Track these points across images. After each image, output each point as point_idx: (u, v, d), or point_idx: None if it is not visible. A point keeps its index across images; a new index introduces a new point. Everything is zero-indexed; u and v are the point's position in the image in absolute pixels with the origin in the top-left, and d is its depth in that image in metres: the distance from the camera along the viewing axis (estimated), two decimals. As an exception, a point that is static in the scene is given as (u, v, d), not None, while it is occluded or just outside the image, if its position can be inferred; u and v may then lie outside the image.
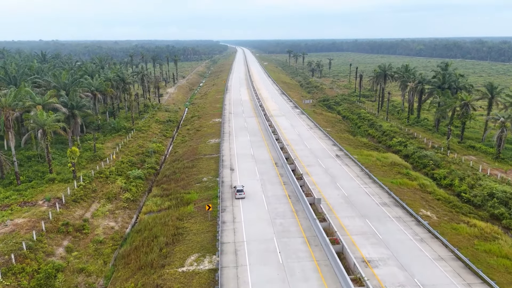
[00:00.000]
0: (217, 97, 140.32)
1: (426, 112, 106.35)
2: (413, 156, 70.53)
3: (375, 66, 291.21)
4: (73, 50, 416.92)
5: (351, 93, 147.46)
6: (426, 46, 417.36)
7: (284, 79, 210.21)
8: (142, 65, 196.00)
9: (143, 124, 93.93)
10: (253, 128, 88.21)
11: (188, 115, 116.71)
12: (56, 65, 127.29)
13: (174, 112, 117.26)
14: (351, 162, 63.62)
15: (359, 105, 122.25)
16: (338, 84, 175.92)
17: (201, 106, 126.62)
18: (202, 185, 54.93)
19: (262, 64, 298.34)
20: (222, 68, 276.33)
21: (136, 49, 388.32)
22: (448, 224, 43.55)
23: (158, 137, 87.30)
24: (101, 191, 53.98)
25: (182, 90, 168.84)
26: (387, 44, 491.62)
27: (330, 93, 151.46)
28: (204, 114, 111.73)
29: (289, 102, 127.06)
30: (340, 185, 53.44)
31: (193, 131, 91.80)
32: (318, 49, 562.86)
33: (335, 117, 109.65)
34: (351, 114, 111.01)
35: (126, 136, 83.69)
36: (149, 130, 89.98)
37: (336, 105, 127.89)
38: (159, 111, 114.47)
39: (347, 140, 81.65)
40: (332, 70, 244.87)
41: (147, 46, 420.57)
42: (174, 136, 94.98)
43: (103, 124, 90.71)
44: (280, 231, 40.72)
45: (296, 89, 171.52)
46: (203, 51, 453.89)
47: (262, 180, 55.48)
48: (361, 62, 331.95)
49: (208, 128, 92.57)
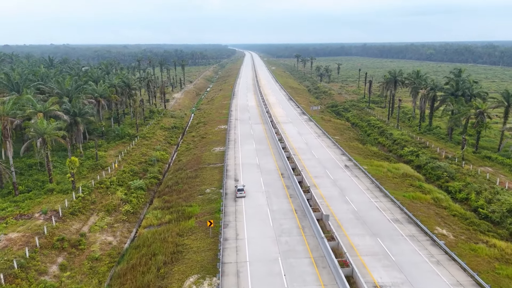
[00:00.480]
0: (224, 102, 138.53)
1: (438, 120, 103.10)
2: (425, 167, 67.56)
3: (384, 71, 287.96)
4: (83, 55, 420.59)
5: (360, 99, 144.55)
6: (436, 51, 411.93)
7: (292, 84, 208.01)
8: (149, 70, 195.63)
9: (148, 131, 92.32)
10: (259, 136, 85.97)
11: (194, 121, 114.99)
12: (63, 71, 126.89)
13: (180, 118, 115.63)
14: (361, 173, 60.93)
15: (368, 112, 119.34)
16: (347, 90, 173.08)
17: (207, 112, 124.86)
18: (205, 197, 52.75)
19: (269, 69, 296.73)
20: (230, 73, 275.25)
21: (144, 54, 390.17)
22: (465, 244, 40.67)
23: (162, 144, 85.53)
24: (100, 202, 52.11)
25: (189, 95, 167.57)
26: (396, 48, 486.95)
27: (339, 99, 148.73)
28: (209, 120, 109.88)
29: (296, 108, 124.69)
30: (349, 199, 50.84)
31: (198, 138, 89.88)
32: (326, 53, 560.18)
33: (344, 124, 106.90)
34: (361, 121, 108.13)
35: (130, 143, 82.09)
36: (153, 137, 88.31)
37: (345, 112, 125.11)
38: (165, 117, 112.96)
39: (357, 149, 78.92)
40: (340, 75, 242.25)
41: (155, 51, 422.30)
42: (179, 143, 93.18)
43: (107, 131, 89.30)
44: (285, 250, 38.29)
45: (304, 95, 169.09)
46: (211, 55, 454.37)
47: (268, 193, 53.13)
48: (370, 67, 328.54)
49: (213, 135, 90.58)
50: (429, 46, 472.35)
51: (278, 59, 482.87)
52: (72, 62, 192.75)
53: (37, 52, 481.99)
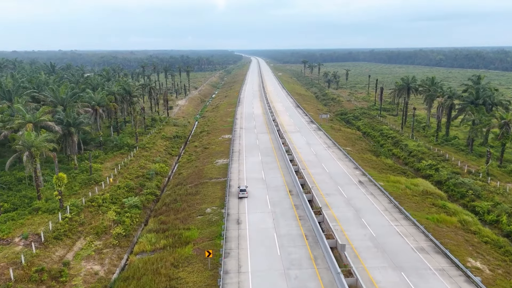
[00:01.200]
0: (229, 110, 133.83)
1: (454, 129, 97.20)
2: (447, 183, 61.80)
3: (393, 77, 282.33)
4: (89, 60, 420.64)
5: (370, 106, 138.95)
6: (446, 56, 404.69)
7: (299, 90, 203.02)
8: (151, 77, 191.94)
9: (148, 140, 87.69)
10: (266, 147, 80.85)
11: (197, 130, 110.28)
12: (63, 77, 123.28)
13: (183, 127, 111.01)
14: (376, 190, 55.45)
15: (380, 120, 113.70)
16: (356, 97, 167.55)
17: (211, 120, 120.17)
18: (205, 219, 47.63)
19: (276, 75, 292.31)
20: (236, 79, 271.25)
21: (150, 59, 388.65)
22: (505, 280, 35.02)
23: (163, 155, 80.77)
24: (89, 224, 47.24)
25: (193, 102, 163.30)
26: (405, 54, 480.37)
27: (348, 106, 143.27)
28: (213, 129, 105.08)
29: (304, 116, 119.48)
30: (366, 221, 45.39)
31: (200, 149, 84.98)
32: (333, 59, 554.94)
33: (355, 134, 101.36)
34: (372, 131, 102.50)
35: (129, 154, 77.53)
36: (153, 148, 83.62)
37: (355, 120, 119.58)
38: (167, 125, 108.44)
39: (370, 162, 73.39)
40: (349, 81, 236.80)
41: (161, 56, 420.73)
42: (180, 154, 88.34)
43: (106, 141, 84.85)
44: (295, 287, 32.99)
45: (311, 101, 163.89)
46: (217, 61, 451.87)
47: (274, 214, 47.89)
48: (378, 73, 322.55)
49: (216, 145, 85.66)
50: (438, 52, 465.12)
51: (285, 65, 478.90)
52: (75, 68, 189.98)
53: (43, 58, 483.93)
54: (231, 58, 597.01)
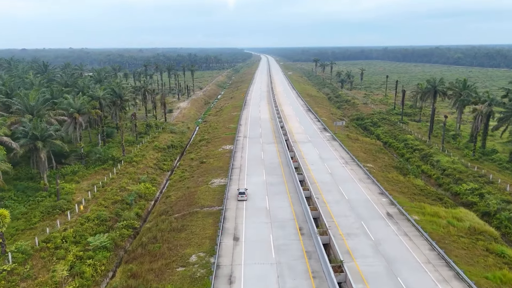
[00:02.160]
0: (233, 114, 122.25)
1: (489, 139, 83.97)
2: (498, 216, 49.26)
3: (410, 76, 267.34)
4: (95, 59, 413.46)
5: (389, 111, 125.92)
6: (464, 55, 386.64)
7: (310, 91, 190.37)
8: (154, 76, 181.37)
9: (137, 152, 76.59)
10: (272, 162, 69.04)
11: (197, 138, 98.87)
12: (53, 78, 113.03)
13: (180, 134, 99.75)
14: (411, 228, 43.27)
15: (402, 128, 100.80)
16: (373, 99, 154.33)
17: (213, 126, 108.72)
18: (187, 273, 36.07)
19: (286, 74, 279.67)
20: (244, 78, 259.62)
21: (157, 58, 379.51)
22: None
23: (152, 171, 69.57)
24: (36, 278, 36.12)
25: (196, 104, 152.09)
26: (420, 52, 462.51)
27: (365, 110, 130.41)
28: (214, 137, 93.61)
29: (316, 122, 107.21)
30: (404, 282, 33.34)
31: (196, 163, 73.50)
32: (345, 57, 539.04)
33: (375, 144, 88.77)
34: (395, 141, 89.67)
35: (113, 169, 66.65)
36: (142, 161, 72.47)
37: (374, 127, 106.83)
38: (163, 132, 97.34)
39: (397, 184, 61.02)
40: (363, 81, 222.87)
41: (168, 55, 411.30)
42: (174, 168, 77.01)
43: (89, 152, 74.08)
44: None
45: (323, 104, 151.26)
46: (226, 60, 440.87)
47: (279, 266, 36.15)
48: (393, 72, 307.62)
49: (215, 159, 74.15)
50: (455, 50, 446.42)
51: (295, 63, 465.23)
52: (73, 67, 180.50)
53: (51, 56, 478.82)
54: (240, 56, 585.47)
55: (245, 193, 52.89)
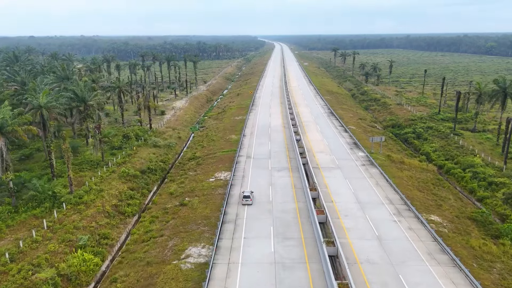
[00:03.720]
0: (237, 118, 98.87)
1: None
2: None
3: (440, 67, 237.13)
4: (100, 47, 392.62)
5: (432, 115, 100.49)
6: (498, 43, 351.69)
7: (330, 86, 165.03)
8: (147, 69, 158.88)
9: (93, 184, 54.04)
10: (284, 210, 45.79)
11: (187, 154, 75.93)
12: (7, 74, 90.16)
13: (166, 148, 77.00)
14: None
15: (459, 143, 75.74)
16: (407, 97, 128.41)
17: (210, 136, 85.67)
18: None
19: (301, 64, 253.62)
20: (254, 70, 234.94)
21: (163, 46, 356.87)
22: None
23: (106, 220, 47.00)
24: None
25: (195, 102, 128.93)
26: (447, 40, 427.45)
27: (400, 113, 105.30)
28: (208, 155, 70.62)
29: (343, 132, 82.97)
30: None
31: (173, 206, 50.58)
32: (364, 46, 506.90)
33: (427, 170, 64.23)
34: (455, 166, 64.52)
35: (49, 216, 44.70)
36: (96, 201, 49.97)
37: (419, 140, 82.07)
38: (144, 146, 74.85)
39: (492, 260, 37.05)
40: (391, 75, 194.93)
41: (176, 43, 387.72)
42: (144, 208, 54.18)
43: (24, 185, 52.08)
44: None
45: (348, 104, 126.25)
46: (237, 48, 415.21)
47: None
48: (419, 62, 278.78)
49: (202, 198, 51.23)
50: (486, 38, 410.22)
51: (311, 52, 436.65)
52: (62, 57, 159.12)
53: (56, 44, 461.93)
54: (253, 44, 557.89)
55: (250, 197, 46.51)
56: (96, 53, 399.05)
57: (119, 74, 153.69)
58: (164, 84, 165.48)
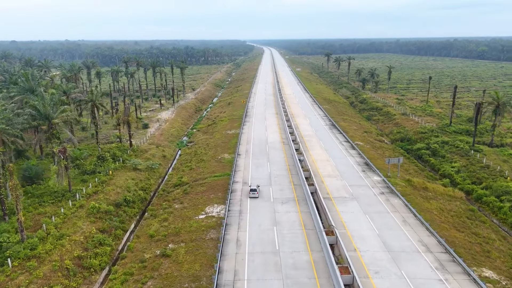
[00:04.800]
0: (229, 132, 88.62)
1: None
2: None
3: (436, 73, 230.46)
4: (84, 52, 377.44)
5: (443, 127, 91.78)
6: (490, 48, 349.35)
7: (326, 93, 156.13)
8: (130, 76, 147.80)
9: (52, 228, 43.01)
10: (296, 262, 35.71)
11: (171, 179, 65.14)
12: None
13: (148, 172, 66.18)
14: None
15: (482, 162, 66.72)
16: (410, 106, 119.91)
17: (199, 155, 75.19)
18: None
19: (293, 70, 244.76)
20: (245, 75, 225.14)
21: (150, 51, 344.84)
22: None
23: (65, 282, 36.10)
24: None
25: (183, 113, 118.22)
26: (438, 45, 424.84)
27: (408, 125, 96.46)
28: (197, 181, 60.07)
29: (350, 149, 73.36)
30: None
31: (152, 257, 39.95)
32: (354, 50, 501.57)
33: (455, 198, 54.85)
34: (487, 193, 55.25)
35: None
36: (53, 253, 39.01)
37: (435, 157, 73.01)
38: (122, 169, 63.99)
39: None
40: (384, 79, 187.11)
41: (163, 48, 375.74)
42: (116, 258, 43.33)
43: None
44: None
45: (348, 113, 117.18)
46: (226, 53, 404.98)
47: None
48: (412, 67, 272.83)
49: (189, 241, 40.68)
50: (476, 42, 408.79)
51: (301, 57, 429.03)
52: (38, 63, 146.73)
53: (37, 48, 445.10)
54: (242, 48, 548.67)
55: (256, 190, 49.66)
56: (79, 58, 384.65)
57: (99, 82, 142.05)
58: (150, 92, 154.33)
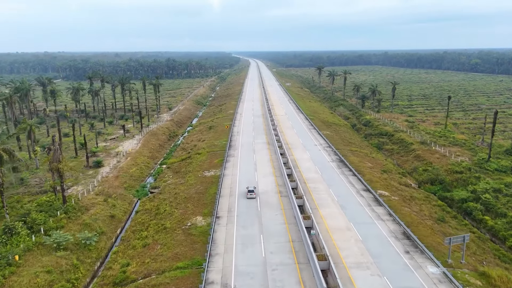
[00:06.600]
0: (207, 174, 66.84)
1: None
2: None
3: (434, 89, 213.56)
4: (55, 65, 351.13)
5: (480, 162, 72.32)
6: (483, 60, 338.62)
7: (323, 113, 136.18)
8: (95, 94, 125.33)
9: None
10: None
11: (113, 265, 42.77)
12: None
13: (79, 252, 43.80)
14: None
15: None
16: (425, 130, 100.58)
17: (161, 214, 53.05)
18: None
19: (283, 85, 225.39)
20: (230, 91, 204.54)
21: (128, 64, 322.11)
22: None
23: None
24: None
25: (152, 142, 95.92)
26: (428, 57, 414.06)
27: (433, 159, 76.66)
28: (150, 274, 37.97)
29: (376, 207, 52.26)
30: None
31: None
32: (342, 63, 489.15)
33: None
34: None
35: None
36: None
37: (489, 213, 52.72)
38: (39, 250, 41.52)
39: None
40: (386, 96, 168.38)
41: (143, 60, 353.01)
42: None
43: None
44: None
45: (356, 142, 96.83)
46: (210, 65, 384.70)
47: None
48: (406, 81, 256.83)
49: None
50: (468, 55, 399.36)
51: (289, 69, 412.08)
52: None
53: (7, 61, 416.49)
54: (227, 60, 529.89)
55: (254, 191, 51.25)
56: (52, 71, 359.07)
57: (54, 103, 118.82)
58: (118, 113, 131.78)
